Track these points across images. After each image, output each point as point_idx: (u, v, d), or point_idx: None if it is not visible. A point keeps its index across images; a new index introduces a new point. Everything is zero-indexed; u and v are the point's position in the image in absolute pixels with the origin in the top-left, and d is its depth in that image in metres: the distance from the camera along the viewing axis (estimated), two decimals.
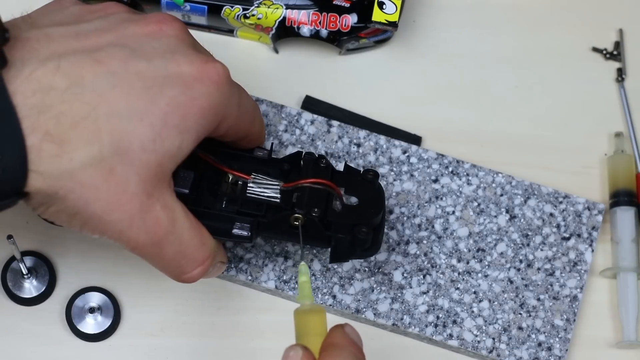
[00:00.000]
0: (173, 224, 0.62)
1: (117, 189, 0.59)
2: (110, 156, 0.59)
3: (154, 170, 0.60)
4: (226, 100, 0.63)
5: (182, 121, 0.61)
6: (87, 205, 0.59)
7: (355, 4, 0.76)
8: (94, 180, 0.58)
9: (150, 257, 0.63)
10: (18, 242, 0.70)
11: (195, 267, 0.64)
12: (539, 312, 0.74)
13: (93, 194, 0.59)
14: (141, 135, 0.59)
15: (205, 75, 0.62)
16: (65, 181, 0.58)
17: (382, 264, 0.74)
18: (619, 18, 0.82)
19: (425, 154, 0.77)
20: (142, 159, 0.60)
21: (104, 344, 0.73)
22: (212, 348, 0.74)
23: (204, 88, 0.62)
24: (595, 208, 0.76)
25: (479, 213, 0.76)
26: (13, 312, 0.73)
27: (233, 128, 0.66)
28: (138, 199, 0.60)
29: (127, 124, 0.59)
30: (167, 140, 0.60)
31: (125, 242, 0.61)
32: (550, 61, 0.81)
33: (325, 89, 0.79)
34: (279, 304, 0.75)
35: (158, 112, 0.60)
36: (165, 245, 0.62)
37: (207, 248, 0.65)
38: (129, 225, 0.60)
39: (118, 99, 0.59)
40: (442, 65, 0.81)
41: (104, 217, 0.59)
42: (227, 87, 0.64)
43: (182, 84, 0.61)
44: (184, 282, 0.65)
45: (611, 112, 0.81)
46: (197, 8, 0.76)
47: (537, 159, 0.79)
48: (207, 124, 0.63)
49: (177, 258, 0.63)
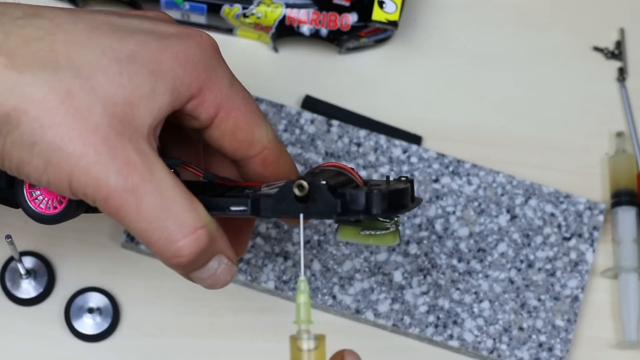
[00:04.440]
0: (151, 172, 0.55)
1: (77, 115, 0.54)
2: (67, 78, 0.54)
3: (122, 107, 0.55)
4: (208, 62, 0.58)
5: (153, 63, 0.56)
6: (43, 131, 0.53)
7: (355, 3, 0.76)
8: (48, 100, 0.53)
9: (128, 213, 0.55)
10: (16, 242, 0.70)
11: (185, 235, 0.55)
12: (540, 313, 0.74)
13: (49, 116, 0.53)
14: (105, 66, 0.54)
15: (185, 33, 0.58)
16: (16, 98, 0.53)
17: (382, 264, 0.74)
18: (620, 17, 0.82)
19: (425, 153, 0.77)
20: (107, 90, 0.54)
21: (103, 344, 0.73)
22: (211, 348, 0.74)
23: (181, 41, 0.57)
24: (597, 208, 0.76)
25: (480, 213, 0.76)
26: (12, 313, 0.73)
27: (227, 116, 0.60)
28: (103, 130, 0.54)
29: (88, 52, 0.54)
30: (136, 77, 0.55)
31: (94, 186, 0.54)
32: (551, 60, 0.81)
33: (325, 89, 0.79)
34: (279, 304, 0.74)
35: (125, 50, 0.55)
36: (143, 195, 0.54)
37: (198, 215, 0.56)
38: (95, 160, 0.54)
39: (79, 32, 0.55)
40: (443, 65, 0.81)
41: (63, 147, 0.53)
42: (211, 50, 0.59)
43: (155, 33, 0.57)
44: (176, 259, 0.56)
45: (612, 112, 0.80)
46: (196, 7, 0.76)
47: (538, 158, 0.79)
48: (185, 77, 0.57)
49: (161, 216, 0.55)
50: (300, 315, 0.56)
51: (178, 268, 0.58)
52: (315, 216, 0.57)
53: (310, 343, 0.55)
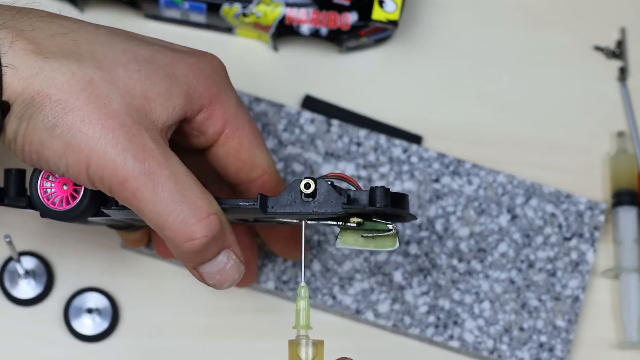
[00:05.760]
0: (166, 158, 0.57)
1: (97, 102, 0.56)
2: (90, 69, 0.57)
3: (140, 100, 0.57)
4: (219, 79, 0.62)
5: (169, 67, 0.59)
6: (65, 114, 0.56)
7: (355, 2, 0.76)
8: (71, 85, 0.56)
9: (145, 195, 0.57)
10: (15, 242, 0.70)
11: (199, 219, 0.57)
12: (541, 313, 0.74)
13: (70, 100, 0.56)
14: (125, 63, 0.58)
15: (197, 51, 0.61)
16: (41, 83, 0.56)
17: (383, 264, 0.74)
18: (621, 17, 0.82)
19: (425, 153, 0.76)
20: (127, 83, 0.57)
21: (102, 344, 0.73)
22: (211, 348, 0.73)
23: (195, 56, 0.61)
24: (597, 208, 0.76)
25: (480, 213, 0.76)
26: (10, 313, 0.73)
27: (233, 134, 0.63)
28: (121, 117, 0.57)
29: (109, 50, 0.57)
30: (153, 76, 0.58)
31: (112, 169, 0.56)
32: (552, 60, 0.81)
33: (325, 88, 0.79)
34: (279, 305, 0.74)
35: (143, 53, 0.59)
36: (160, 178, 0.57)
37: (210, 202, 0.58)
38: (113, 144, 0.56)
39: (100, 34, 0.58)
40: (443, 64, 0.80)
41: (83, 130, 0.56)
42: (221, 70, 0.62)
43: (170, 47, 0.60)
44: (190, 242, 0.58)
45: (613, 112, 0.80)
46: (196, 6, 0.76)
47: (539, 158, 0.79)
48: (198, 86, 0.60)
49: (177, 200, 0.57)
50: (300, 320, 0.58)
51: (190, 256, 0.59)
52: (322, 211, 0.59)
53: (309, 350, 0.57)
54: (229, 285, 0.61)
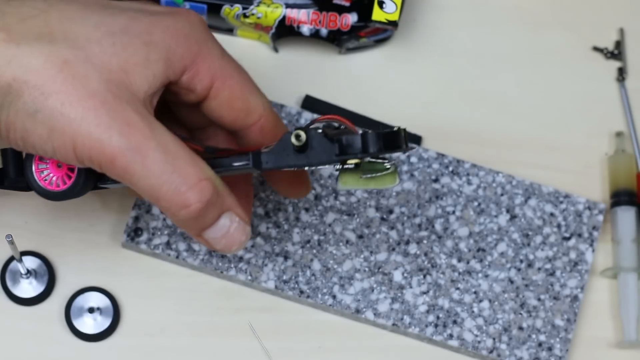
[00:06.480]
0: (152, 129, 0.57)
1: (75, 82, 0.56)
2: (63, 49, 0.56)
3: (117, 74, 0.57)
4: (198, 35, 0.60)
5: (145, 35, 0.58)
6: (44, 99, 0.55)
7: (355, 3, 0.76)
8: (46, 68, 0.55)
9: (135, 170, 0.56)
10: (17, 242, 0.70)
11: (190, 187, 0.57)
12: (540, 312, 0.74)
13: (48, 84, 0.55)
14: (99, 38, 0.57)
15: (173, 10, 0.60)
16: (16, 69, 0.55)
17: (382, 263, 0.74)
18: (619, 17, 0.82)
19: (425, 153, 0.77)
20: (102, 59, 0.56)
21: (103, 344, 0.73)
22: (212, 348, 0.74)
23: (171, 16, 0.60)
24: (596, 208, 0.76)
25: (480, 213, 0.76)
26: (12, 312, 0.73)
27: (222, 85, 0.62)
28: (101, 95, 0.56)
29: (82, 27, 0.57)
30: (129, 47, 0.57)
31: (98, 148, 0.56)
32: (551, 60, 0.81)
33: (325, 89, 0.79)
34: (279, 304, 0.74)
35: (117, 24, 0.58)
36: (147, 151, 0.56)
37: (200, 168, 0.58)
38: (96, 123, 0.56)
39: (72, 10, 0.57)
40: (443, 65, 0.81)
41: (65, 113, 0.56)
42: (200, 25, 0.61)
43: (145, 11, 0.59)
44: (184, 210, 0.58)
45: (612, 112, 0.80)
46: (196, 7, 0.76)
47: (538, 158, 0.79)
48: (177, 48, 0.59)
49: (167, 170, 0.57)
50: None
51: (189, 223, 0.59)
52: (316, 162, 0.59)
53: None
54: (237, 248, 0.61)
